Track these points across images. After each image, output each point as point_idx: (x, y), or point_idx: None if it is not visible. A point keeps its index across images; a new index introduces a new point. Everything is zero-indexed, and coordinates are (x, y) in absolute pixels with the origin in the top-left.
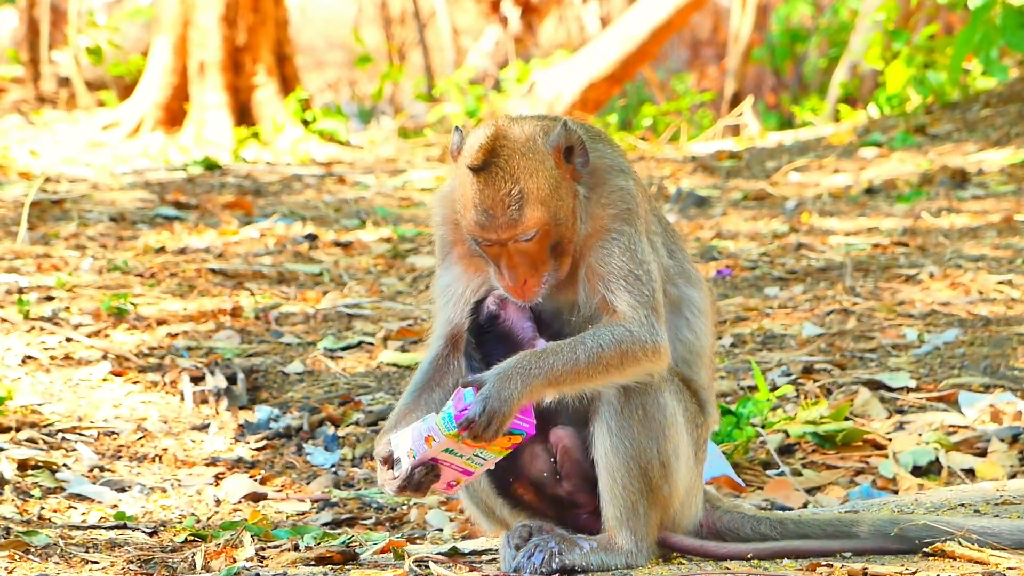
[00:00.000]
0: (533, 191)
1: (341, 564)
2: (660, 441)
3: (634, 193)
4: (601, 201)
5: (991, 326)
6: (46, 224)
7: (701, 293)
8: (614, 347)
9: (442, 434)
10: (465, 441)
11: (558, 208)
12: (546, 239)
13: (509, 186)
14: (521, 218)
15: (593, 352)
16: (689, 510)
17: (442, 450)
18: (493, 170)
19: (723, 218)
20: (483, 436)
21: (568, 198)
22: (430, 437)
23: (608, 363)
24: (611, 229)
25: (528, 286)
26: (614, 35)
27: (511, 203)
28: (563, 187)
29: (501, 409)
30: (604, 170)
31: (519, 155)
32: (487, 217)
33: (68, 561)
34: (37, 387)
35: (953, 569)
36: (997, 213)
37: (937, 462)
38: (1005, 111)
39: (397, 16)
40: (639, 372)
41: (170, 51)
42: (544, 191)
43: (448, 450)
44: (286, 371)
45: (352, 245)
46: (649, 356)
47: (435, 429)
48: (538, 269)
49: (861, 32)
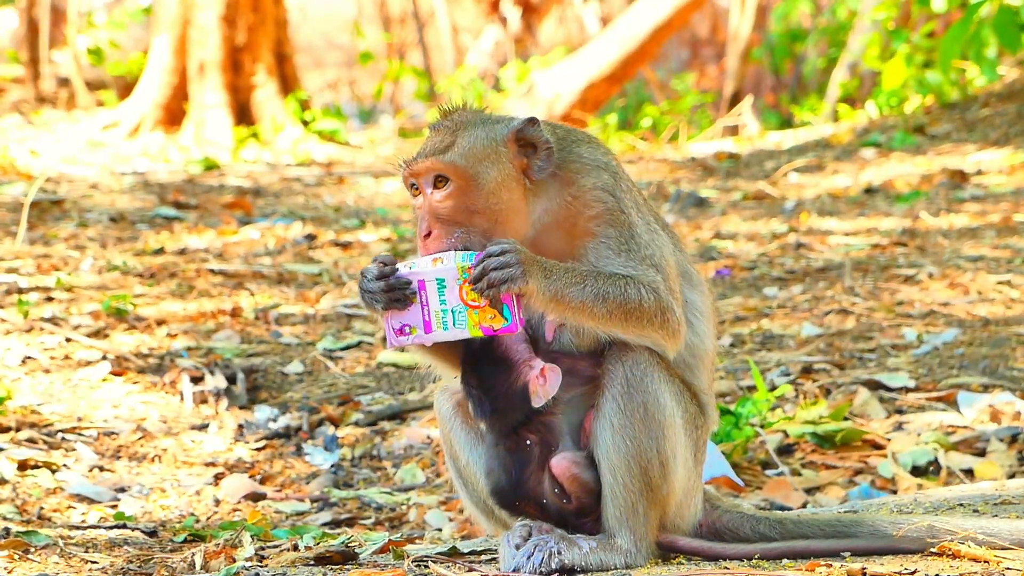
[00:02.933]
0: (464, 147)
1: (340, 564)
2: (660, 441)
3: (614, 191)
4: (576, 203)
5: (990, 326)
6: (46, 224)
7: (702, 296)
8: (619, 296)
9: (452, 261)
10: (465, 283)
11: (487, 177)
12: (462, 197)
13: (444, 135)
14: (440, 158)
15: (601, 291)
16: (688, 510)
17: (435, 278)
18: (441, 124)
19: (722, 218)
20: (486, 283)
21: (502, 176)
22: (438, 259)
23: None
24: (596, 232)
25: (432, 238)
26: (614, 35)
27: (438, 147)
28: (504, 167)
29: (515, 273)
30: (578, 170)
31: (471, 122)
32: (413, 157)
33: (68, 561)
34: (37, 387)
35: (953, 569)
36: (996, 213)
37: (936, 462)
38: (1004, 111)
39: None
40: (640, 336)
41: (170, 51)
42: (477, 153)
43: (440, 282)
44: (286, 371)
45: (351, 245)
46: (651, 320)
47: (449, 255)
48: (448, 228)
49: (860, 32)
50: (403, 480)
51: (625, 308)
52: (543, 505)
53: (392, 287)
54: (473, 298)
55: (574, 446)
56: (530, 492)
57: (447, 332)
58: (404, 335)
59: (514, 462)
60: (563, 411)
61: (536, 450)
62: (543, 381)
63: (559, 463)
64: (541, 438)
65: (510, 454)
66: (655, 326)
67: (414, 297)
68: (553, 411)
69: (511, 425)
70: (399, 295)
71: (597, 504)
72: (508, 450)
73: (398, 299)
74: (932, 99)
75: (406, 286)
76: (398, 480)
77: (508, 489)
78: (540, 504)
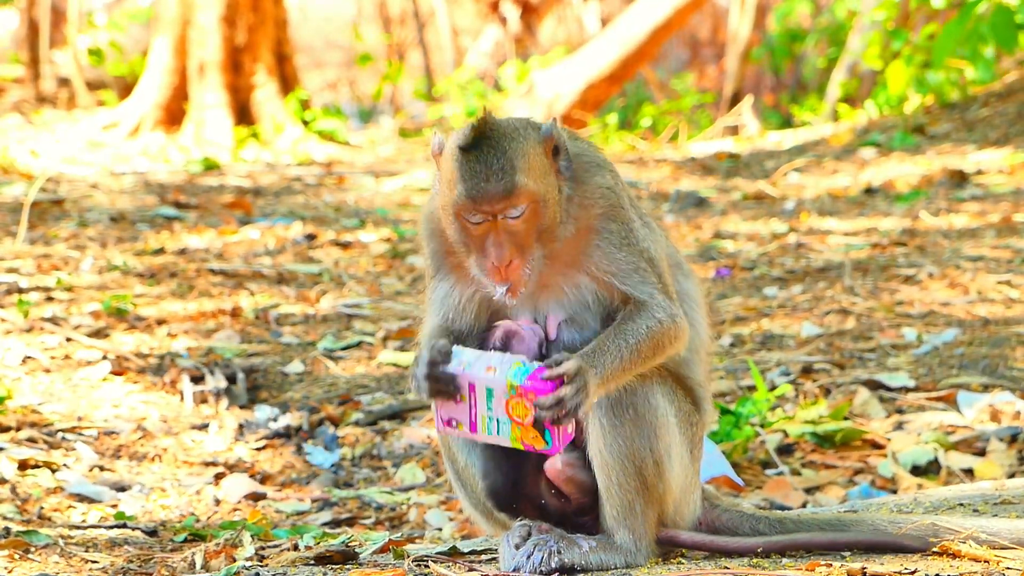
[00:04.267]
0: (524, 167)
1: (341, 564)
2: (652, 440)
3: (616, 188)
4: (585, 202)
5: (990, 326)
6: (46, 224)
7: (694, 285)
8: (647, 339)
9: (504, 375)
10: (512, 399)
11: (547, 191)
12: (534, 219)
13: (502, 160)
14: (514, 188)
15: (633, 348)
16: (687, 508)
17: (486, 386)
18: (484, 148)
19: (722, 218)
20: (558, 412)
21: (554, 189)
22: (493, 368)
23: (644, 356)
24: (600, 229)
25: (513, 267)
26: (613, 35)
27: (504, 174)
28: (551, 176)
29: (582, 398)
30: (585, 168)
31: (509, 137)
32: (479, 189)
33: (68, 561)
34: (37, 387)
35: (953, 568)
36: (996, 213)
37: (936, 462)
38: (1004, 111)
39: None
40: (667, 356)
41: (170, 51)
42: (535, 171)
43: (489, 391)
44: (286, 371)
45: (351, 245)
46: (673, 340)
47: (504, 367)
48: (524, 252)
49: (860, 32)
50: (403, 480)
51: (654, 344)
52: (541, 506)
53: (439, 381)
54: (518, 414)
55: (567, 446)
56: (528, 493)
57: (491, 437)
58: (451, 427)
59: (510, 464)
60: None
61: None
62: None
63: (552, 466)
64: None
65: (506, 455)
66: (674, 340)
67: (462, 396)
68: None
69: None
70: (445, 390)
71: (595, 503)
72: (504, 450)
73: (443, 392)
74: (932, 99)
75: (452, 382)
76: (398, 480)
77: (505, 491)
78: (538, 505)
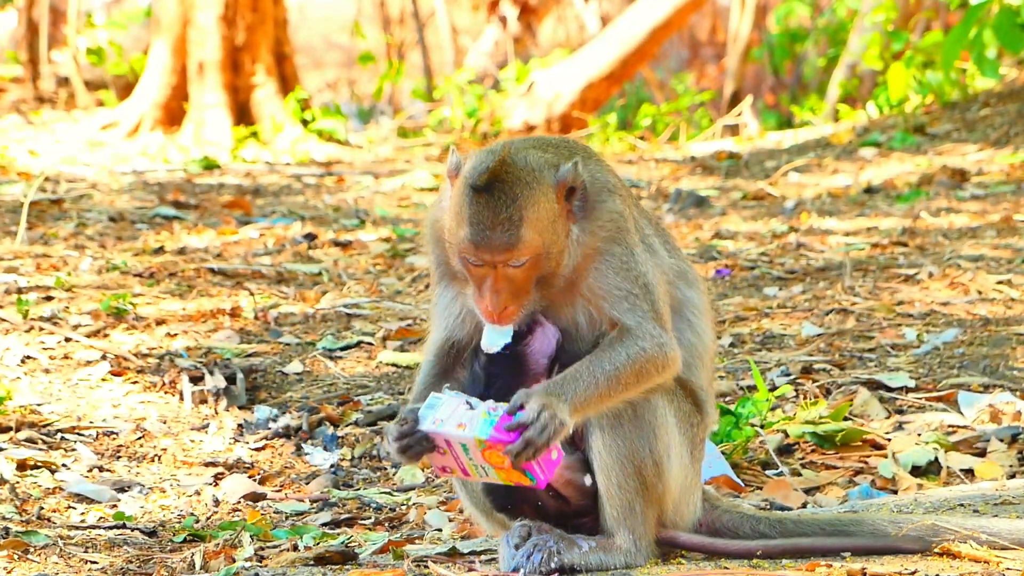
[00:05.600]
0: (532, 219)
1: (340, 564)
2: (652, 440)
3: (624, 213)
4: (593, 228)
5: (990, 326)
6: (45, 224)
7: (699, 293)
8: (629, 366)
9: (472, 432)
10: (486, 451)
11: (552, 242)
12: (535, 269)
13: (510, 210)
14: (517, 243)
15: (611, 375)
16: (687, 508)
17: (460, 443)
18: (496, 192)
19: (722, 218)
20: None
21: (562, 235)
22: (463, 424)
23: (625, 383)
24: (603, 251)
25: (507, 313)
26: (613, 35)
27: (510, 226)
28: (559, 223)
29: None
30: (596, 194)
31: (523, 183)
32: (483, 237)
33: (67, 561)
34: (36, 387)
35: (953, 568)
36: (996, 213)
37: (936, 462)
38: (1004, 111)
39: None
40: (652, 385)
41: (169, 51)
42: (543, 222)
43: (464, 447)
44: (285, 371)
45: (351, 245)
46: (660, 369)
47: (473, 423)
48: (520, 298)
49: (860, 32)
50: (403, 480)
51: (636, 372)
52: (538, 507)
53: (412, 447)
54: (496, 462)
55: (566, 448)
56: (525, 495)
57: (484, 478)
58: (447, 472)
59: None
60: None
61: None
62: None
63: None
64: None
65: None
66: (661, 369)
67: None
68: None
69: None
70: (417, 451)
71: (595, 504)
72: None
73: (418, 454)
74: (932, 99)
75: (427, 442)
76: (398, 480)
77: (502, 491)
78: (535, 506)
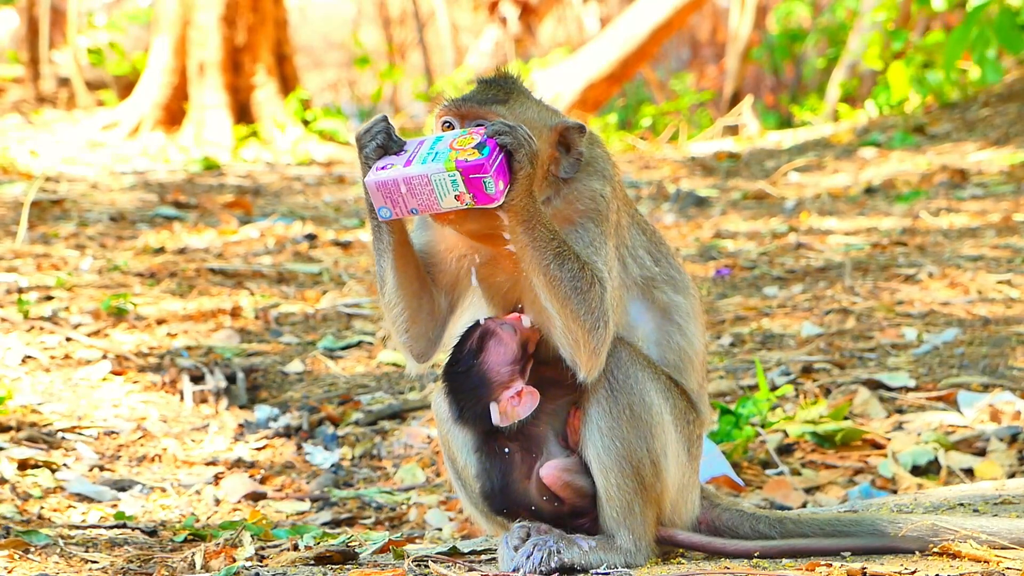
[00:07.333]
0: (518, 109)
1: (340, 564)
2: (649, 440)
3: (608, 199)
4: (572, 196)
5: (990, 326)
6: (46, 224)
7: (688, 298)
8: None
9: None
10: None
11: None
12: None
13: (499, 92)
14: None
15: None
16: (685, 507)
17: (435, 136)
18: (496, 82)
19: (722, 218)
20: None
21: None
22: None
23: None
24: (577, 224)
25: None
26: (613, 35)
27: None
28: (543, 151)
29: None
30: (588, 165)
31: (527, 96)
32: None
33: (68, 560)
34: (37, 387)
35: (953, 568)
36: (996, 213)
37: (936, 462)
38: (1004, 111)
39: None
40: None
41: (170, 51)
42: (526, 122)
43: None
44: (285, 371)
45: (351, 245)
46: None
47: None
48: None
49: (860, 32)
50: (403, 480)
51: (575, 284)
52: (532, 511)
53: (384, 145)
54: (460, 144)
55: (560, 450)
56: (517, 498)
57: (424, 166)
58: (383, 169)
59: (495, 469)
60: (547, 421)
61: (517, 458)
62: (516, 402)
63: (549, 472)
64: (521, 447)
65: (490, 460)
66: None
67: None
68: (536, 422)
69: (481, 435)
70: (388, 145)
71: (593, 506)
72: (488, 456)
73: (386, 148)
74: (932, 99)
75: (400, 143)
76: (398, 480)
77: (495, 494)
78: (530, 509)
